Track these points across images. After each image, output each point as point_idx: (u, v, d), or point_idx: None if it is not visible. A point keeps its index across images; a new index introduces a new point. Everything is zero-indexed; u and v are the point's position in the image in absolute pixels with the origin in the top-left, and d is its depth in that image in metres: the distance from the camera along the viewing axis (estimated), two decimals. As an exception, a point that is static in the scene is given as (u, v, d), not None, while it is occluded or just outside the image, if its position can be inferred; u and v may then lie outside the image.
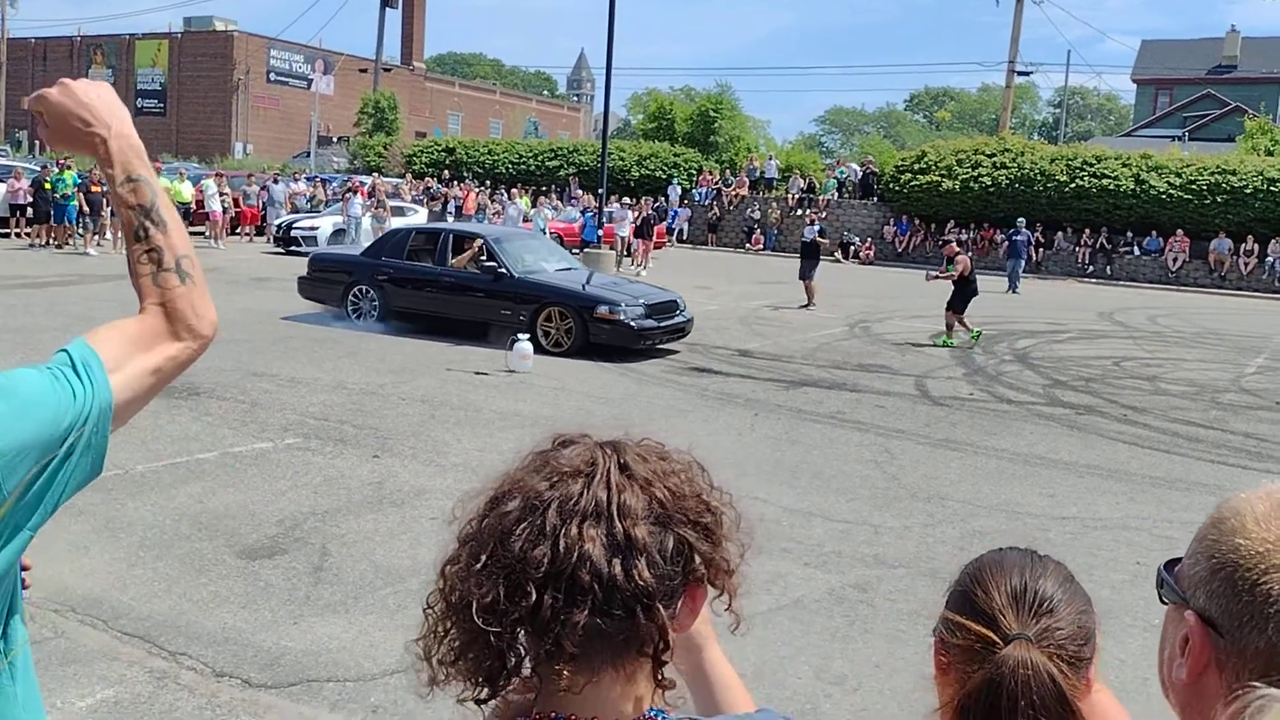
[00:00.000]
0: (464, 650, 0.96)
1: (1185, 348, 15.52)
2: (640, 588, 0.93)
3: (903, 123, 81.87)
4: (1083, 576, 4.55)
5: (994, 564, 1.18)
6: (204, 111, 51.01)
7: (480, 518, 0.99)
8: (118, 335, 1.30)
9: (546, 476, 0.98)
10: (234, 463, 6.90)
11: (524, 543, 0.94)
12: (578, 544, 0.92)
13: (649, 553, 0.94)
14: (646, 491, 0.97)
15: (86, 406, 1.19)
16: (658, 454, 1.03)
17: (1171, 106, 47.62)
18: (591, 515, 0.94)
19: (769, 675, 4.34)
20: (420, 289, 12.90)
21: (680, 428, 8.63)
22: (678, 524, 0.97)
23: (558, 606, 0.92)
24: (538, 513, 0.95)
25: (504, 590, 0.93)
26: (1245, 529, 0.90)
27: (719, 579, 1.02)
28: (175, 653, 4.19)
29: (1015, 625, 1.10)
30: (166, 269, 1.36)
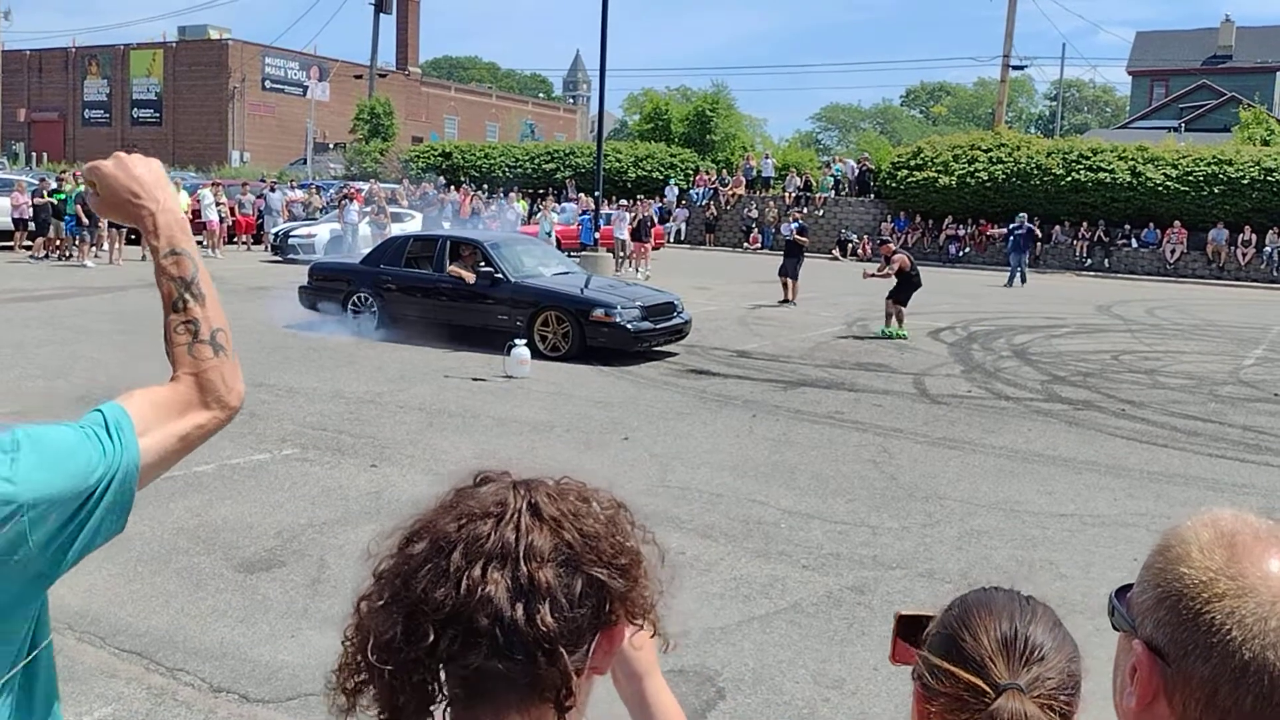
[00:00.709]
0: (363, 685, 0.96)
1: (1184, 340, 15.51)
2: (542, 633, 0.92)
3: (899, 119, 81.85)
4: (1081, 574, 4.56)
5: (981, 607, 1.14)
6: (200, 120, 51.05)
7: (393, 554, 0.99)
8: (150, 401, 1.34)
9: (456, 516, 0.98)
10: (232, 475, 6.90)
11: (426, 583, 0.94)
12: (480, 586, 0.92)
13: (554, 597, 0.93)
14: (556, 533, 0.96)
15: (115, 464, 1.22)
16: (576, 494, 1.02)
17: (1167, 98, 47.59)
18: (497, 557, 0.94)
19: (766, 679, 4.34)
20: (418, 296, 12.90)
21: (679, 430, 8.64)
22: (589, 566, 0.97)
23: (454, 649, 0.92)
24: (443, 554, 0.95)
25: (402, 629, 0.93)
26: (1190, 557, 0.90)
27: (639, 617, 1.02)
28: (173, 668, 4.20)
29: (1006, 674, 1.07)
30: (202, 341, 1.40)
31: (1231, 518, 0.93)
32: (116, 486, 1.22)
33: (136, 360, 10.70)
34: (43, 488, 1.15)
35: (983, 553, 5.95)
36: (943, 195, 30.40)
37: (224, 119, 50.95)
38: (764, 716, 4.08)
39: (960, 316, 16.92)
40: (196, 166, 42.34)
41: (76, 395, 8.96)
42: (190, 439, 1.36)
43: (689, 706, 4.11)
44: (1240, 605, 0.86)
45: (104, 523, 1.22)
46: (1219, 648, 0.86)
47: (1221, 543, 0.90)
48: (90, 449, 1.21)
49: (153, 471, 1.30)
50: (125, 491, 1.24)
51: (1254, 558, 0.89)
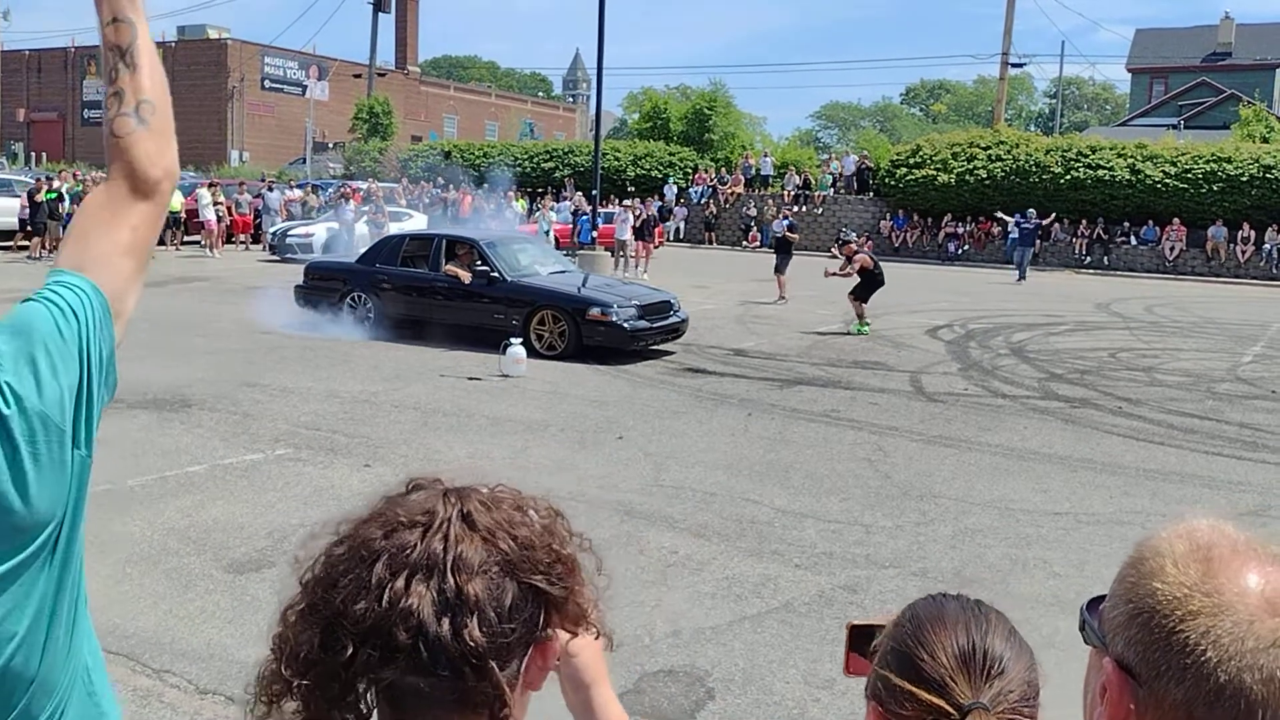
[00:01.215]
0: (281, 695, 0.93)
1: (1182, 337, 15.49)
2: (470, 648, 0.89)
3: (899, 117, 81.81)
4: (1075, 572, 4.54)
5: (934, 619, 1.09)
6: (199, 120, 50.95)
7: (318, 563, 0.96)
8: (85, 227, 1.27)
9: (382, 525, 0.94)
10: (224, 475, 6.88)
11: (346, 595, 0.90)
12: (402, 599, 0.89)
13: (483, 610, 0.90)
14: (489, 543, 0.93)
15: (88, 318, 1.20)
16: (511, 502, 0.99)
17: (1167, 95, 47.54)
18: (422, 569, 0.90)
19: (756, 679, 4.32)
20: (414, 295, 12.88)
21: (673, 429, 8.62)
22: (524, 575, 0.94)
23: (371, 664, 0.89)
24: (365, 563, 0.91)
25: (319, 641, 0.90)
26: (1164, 571, 0.86)
27: (576, 623, 1.00)
28: (159, 670, 4.18)
29: (970, 693, 1.03)
30: (124, 113, 1.30)
31: (1208, 529, 0.89)
32: (98, 337, 1.20)
33: (132, 361, 10.68)
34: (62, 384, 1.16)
35: (976, 551, 5.93)
36: (942, 193, 30.37)
37: (223, 118, 50.93)
38: (754, 717, 4.06)
39: (958, 314, 16.90)
40: (196, 166, 42.29)
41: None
42: (137, 246, 1.28)
43: (678, 707, 4.10)
44: (1216, 624, 0.82)
45: (99, 380, 1.21)
46: (1193, 669, 0.82)
47: (1197, 556, 0.86)
48: (67, 320, 1.19)
49: (123, 301, 1.26)
50: (107, 338, 1.22)
51: (1231, 572, 0.84)
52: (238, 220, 26.06)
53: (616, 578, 4.39)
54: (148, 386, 9.42)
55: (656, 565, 5.54)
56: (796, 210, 32.72)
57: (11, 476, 1.11)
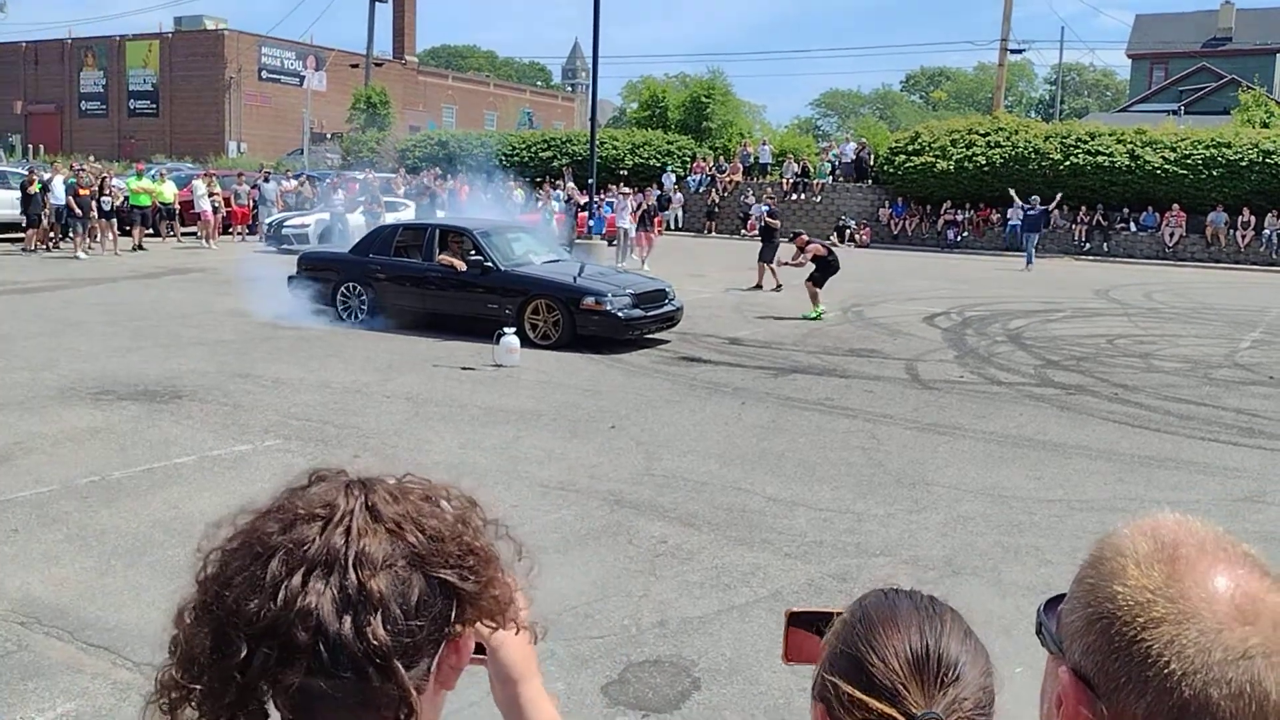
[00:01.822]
0: (181, 701, 0.88)
1: (1180, 324, 15.43)
2: (373, 647, 0.84)
3: (899, 104, 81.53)
4: (1067, 560, 4.46)
5: (886, 619, 1.04)
6: (197, 111, 50.89)
7: (211, 560, 0.91)
8: None
9: (279, 518, 0.89)
10: (212, 466, 6.85)
11: (239, 593, 0.85)
12: (300, 597, 0.84)
13: (387, 607, 0.85)
14: (395, 536, 0.88)
15: None
16: (419, 493, 0.94)
17: (1167, 81, 47.35)
18: (321, 565, 0.85)
19: (743, 669, 4.29)
20: (407, 285, 12.83)
21: (666, 418, 8.58)
22: (433, 569, 0.89)
23: (269, 666, 0.83)
24: (260, 560, 0.86)
25: (211, 643, 0.85)
26: (1125, 573, 0.79)
27: (493, 617, 0.95)
28: (140, 663, 4.14)
29: (922, 702, 0.97)
30: None
31: (1174, 525, 0.82)
32: None
33: (123, 352, 10.67)
34: None
35: (968, 539, 5.89)
36: (941, 180, 30.26)
37: (221, 110, 50.81)
38: (739, 707, 4.02)
39: (956, 301, 16.83)
40: (194, 157, 42.21)
41: (61, 387, 8.91)
42: None
43: (663, 697, 4.07)
44: (1181, 633, 0.75)
45: None
46: (1155, 681, 0.75)
47: (1161, 556, 0.79)
48: None
49: None
50: None
51: (1197, 575, 0.77)
52: (236, 211, 25.98)
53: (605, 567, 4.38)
54: (139, 378, 9.39)
55: (645, 555, 5.50)
56: (796, 198, 32.66)
57: None
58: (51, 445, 7.19)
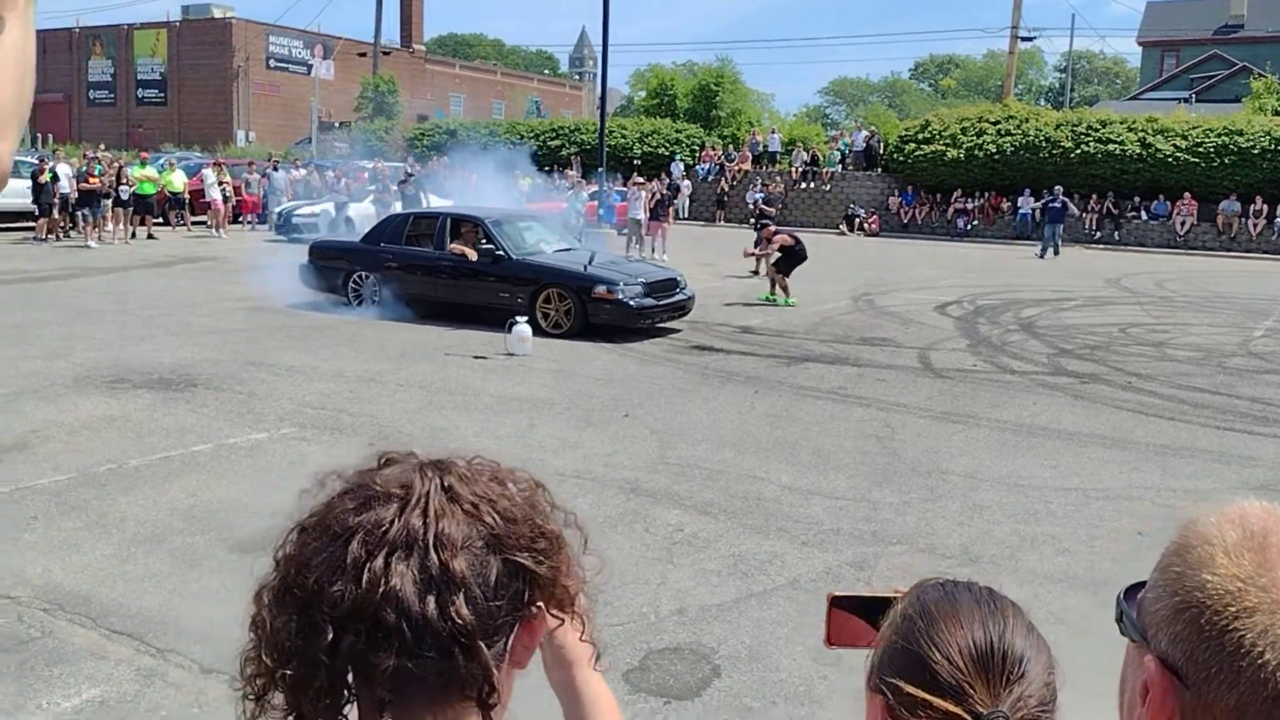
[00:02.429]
0: (267, 687, 0.88)
1: (1193, 312, 15.37)
2: (458, 626, 0.85)
3: (908, 92, 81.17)
4: (1085, 549, 4.46)
5: (947, 614, 1.01)
6: (205, 100, 50.87)
7: (288, 540, 0.91)
8: None
9: (354, 499, 0.89)
10: (229, 454, 6.87)
11: (320, 575, 0.85)
12: (383, 579, 0.84)
13: (469, 587, 0.86)
14: (472, 517, 0.89)
15: None
16: (490, 475, 0.94)
17: (1178, 68, 47.04)
18: (402, 546, 0.85)
19: (763, 657, 4.30)
20: (419, 273, 12.83)
21: (680, 407, 8.58)
22: (508, 552, 0.89)
23: (359, 649, 0.84)
24: (339, 541, 0.86)
25: (297, 626, 0.85)
26: (1214, 561, 0.78)
27: (563, 607, 0.95)
28: (163, 650, 4.17)
29: (988, 699, 0.95)
30: None
31: (1263, 513, 0.80)
32: None
33: (136, 341, 10.70)
34: None
35: (984, 528, 5.88)
36: (951, 168, 30.12)
37: (229, 98, 50.77)
38: (759, 694, 4.03)
39: (967, 290, 16.78)
40: (202, 146, 42.23)
41: (76, 375, 8.94)
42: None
43: (684, 684, 4.08)
44: (1275, 623, 0.74)
45: None
46: (1249, 672, 0.74)
47: (1251, 545, 0.77)
48: None
49: None
50: None
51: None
52: (246, 200, 25.98)
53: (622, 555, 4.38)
54: (153, 366, 9.42)
55: (662, 543, 5.51)
56: (805, 187, 32.57)
57: None
58: (68, 433, 7.22)
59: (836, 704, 3.99)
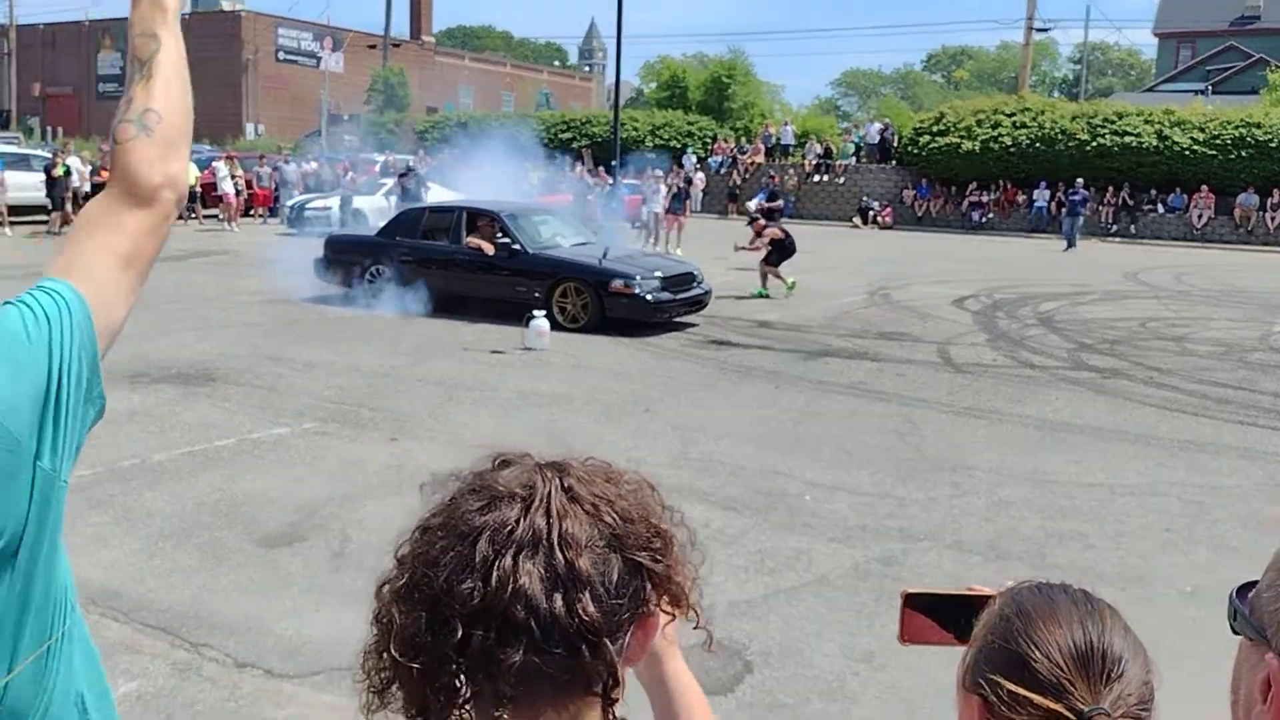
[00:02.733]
0: (391, 680, 0.90)
1: (1212, 307, 15.27)
2: (586, 623, 0.87)
3: (921, 83, 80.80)
4: (1112, 545, 4.44)
5: (1045, 614, 1.03)
6: (214, 93, 50.76)
7: (411, 538, 0.93)
8: (78, 235, 1.22)
9: (479, 499, 0.90)
10: (252, 449, 6.87)
11: (449, 573, 0.87)
12: (511, 577, 0.85)
13: (593, 585, 0.88)
14: (593, 517, 0.90)
15: (64, 326, 1.14)
16: (603, 475, 0.96)
17: (1194, 60, 46.76)
18: (529, 545, 0.87)
19: (794, 653, 4.28)
20: (435, 267, 12.81)
21: (700, 402, 8.56)
22: (627, 551, 0.91)
23: (488, 645, 0.85)
24: (466, 540, 0.88)
25: (426, 624, 0.87)
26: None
27: (677, 604, 0.97)
28: (197, 644, 4.17)
29: (1089, 697, 0.97)
30: (126, 119, 1.26)
31: None
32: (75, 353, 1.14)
33: (154, 335, 10.71)
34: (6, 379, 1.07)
35: (1011, 524, 5.85)
36: (966, 161, 29.96)
37: (238, 91, 50.83)
38: (793, 690, 4.02)
39: (984, 284, 16.71)
40: (211, 139, 42.28)
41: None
42: (134, 256, 1.23)
43: (716, 680, 4.06)
44: None
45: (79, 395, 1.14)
46: None
47: None
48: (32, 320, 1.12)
49: (111, 314, 1.20)
50: (88, 351, 1.16)
51: None
52: (258, 193, 26.01)
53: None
54: (172, 361, 9.43)
55: (695, 548, 5.49)
56: (818, 180, 32.47)
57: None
58: (92, 427, 7.23)
59: (870, 700, 3.98)
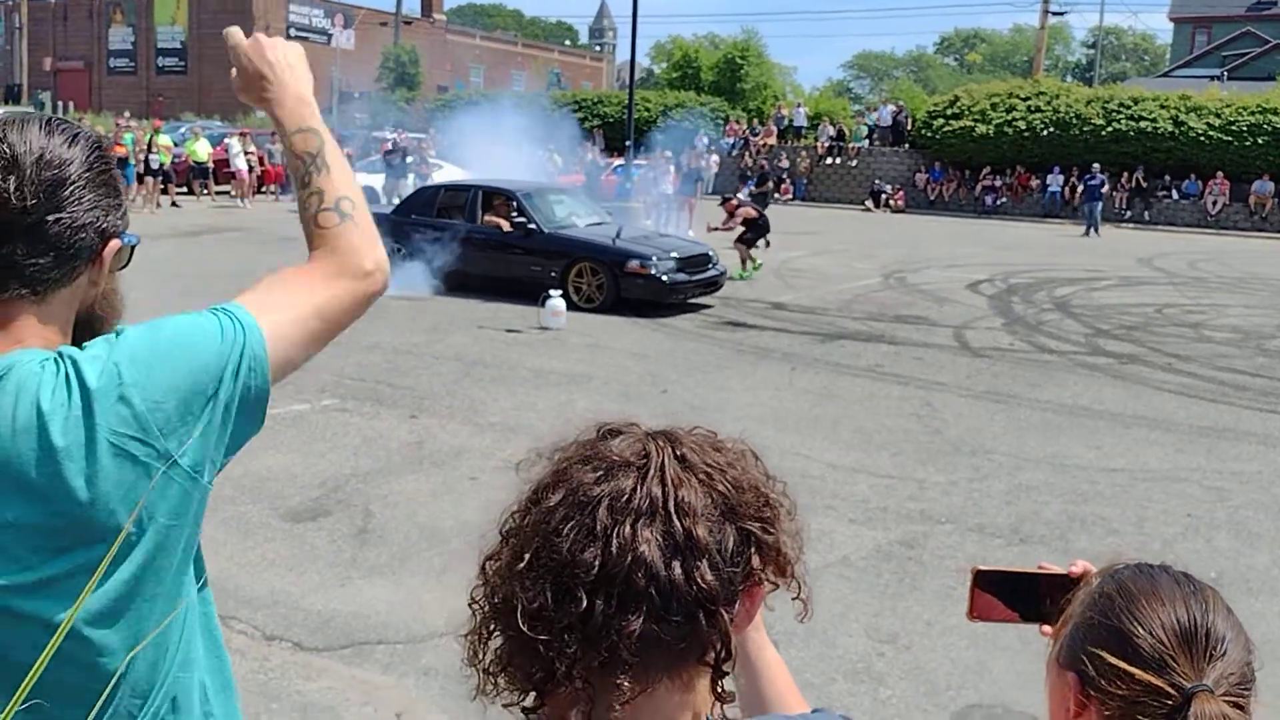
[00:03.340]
0: (510, 657, 0.90)
1: (1228, 293, 15.20)
2: (704, 591, 0.87)
3: (933, 66, 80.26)
4: (1134, 530, 4.44)
5: (1148, 592, 1.03)
6: (225, 69, 49.33)
7: (523, 511, 0.92)
8: (272, 281, 1.31)
9: (595, 469, 0.90)
10: (273, 425, 6.82)
11: (571, 543, 0.87)
12: (631, 545, 0.86)
13: (710, 553, 0.88)
14: (706, 486, 0.90)
15: (238, 346, 1.19)
16: (711, 444, 0.96)
17: (1210, 45, 46.34)
18: (646, 513, 0.87)
19: (819, 634, 4.29)
20: (450, 246, 12.79)
21: (717, 383, 8.56)
22: (740, 520, 0.91)
23: (610, 613, 0.86)
24: (586, 510, 0.88)
25: (551, 595, 0.87)
26: None
27: (783, 573, 0.97)
28: (225, 616, 4.18)
29: (1191, 673, 0.97)
30: (326, 208, 1.38)
31: None
32: (245, 372, 1.19)
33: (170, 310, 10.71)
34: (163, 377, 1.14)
35: (1033, 507, 5.86)
36: (980, 145, 29.78)
37: (250, 68, 50.59)
38: (818, 670, 4.03)
39: (998, 269, 16.64)
40: (223, 116, 42.22)
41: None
42: (328, 312, 1.31)
43: (741, 660, 4.08)
44: None
45: (240, 413, 1.20)
46: None
47: None
48: (208, 330, 1.19)
49: (288, 353, 1.26)
50: (256, 377, 1.21)
51: None
52: (270, 170, 25.99)
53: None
54: (191, 336, 9.45)
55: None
56: (830, 162, 32.32)
57: (86, 455, 1.10)
58: (113, 401, 7.26)
59: (895, 680, 3.99)
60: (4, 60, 53.94)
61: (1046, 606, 1.22)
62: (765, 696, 1.21)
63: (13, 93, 48.13)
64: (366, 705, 3.68)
